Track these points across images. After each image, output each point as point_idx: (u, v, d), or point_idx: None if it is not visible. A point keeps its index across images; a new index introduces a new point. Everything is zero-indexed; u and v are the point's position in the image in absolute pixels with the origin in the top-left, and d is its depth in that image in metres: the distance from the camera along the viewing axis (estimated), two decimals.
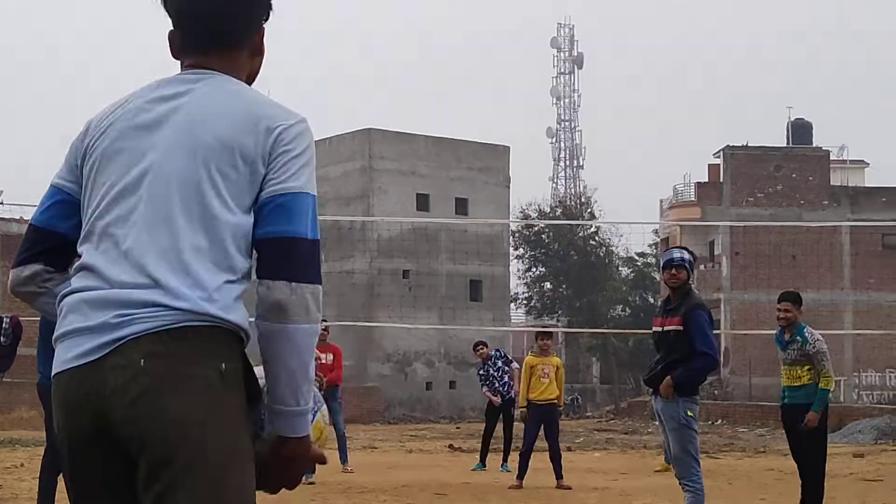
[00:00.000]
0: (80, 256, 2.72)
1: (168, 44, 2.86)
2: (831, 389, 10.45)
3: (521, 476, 14.60)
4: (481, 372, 18.04)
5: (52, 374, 2.64)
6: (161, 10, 2.85)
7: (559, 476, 14.76)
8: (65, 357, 2.61)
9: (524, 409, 14.90)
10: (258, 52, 2.90)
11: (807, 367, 10.42)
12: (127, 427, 2.53)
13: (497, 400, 17.69)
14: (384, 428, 36.59)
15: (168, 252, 2.62)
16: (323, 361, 16.91)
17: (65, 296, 2.68)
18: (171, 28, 2.85)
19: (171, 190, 2.66)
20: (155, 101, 2.75)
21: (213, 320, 2.60)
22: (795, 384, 10.50)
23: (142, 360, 2.54)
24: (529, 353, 15.48)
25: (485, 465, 17.91)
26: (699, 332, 8.99)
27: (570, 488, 14.50)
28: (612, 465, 18.58)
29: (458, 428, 36.53)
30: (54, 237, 2.81)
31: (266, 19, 2.89)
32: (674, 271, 9.16)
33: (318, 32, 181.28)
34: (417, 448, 24.47)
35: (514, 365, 18.00)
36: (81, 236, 2.73)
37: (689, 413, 9.03)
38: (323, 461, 2.82)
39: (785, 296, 10.87)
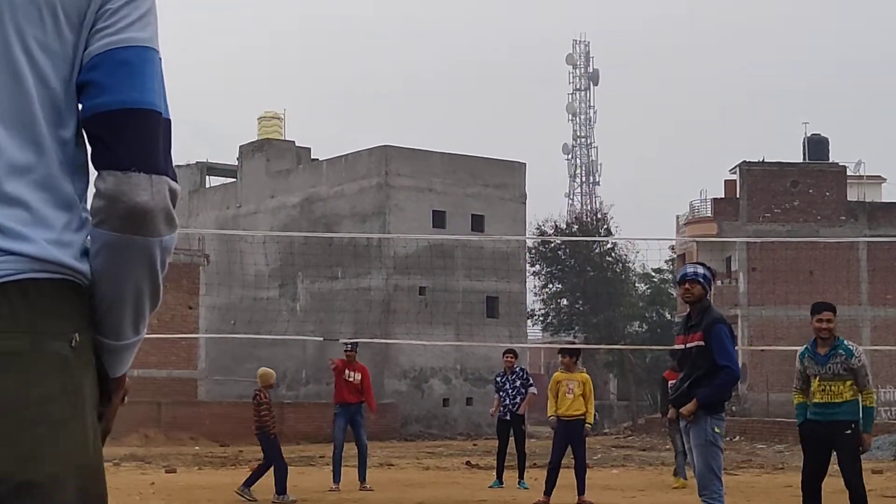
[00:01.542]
0: None
1: None
2: (874, 406, 10.00)
3: (548, 492, 14.53)
4: (499, 379, 17.91)
5: None
6: None
7: (581, 491, 14.67)
8: None
9: (553, 418, 14.84)
10: None
11: (849, 383, 9.87)
12: None
13: (494, 411, 17.74)
14: (400, 445, 36.54)
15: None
16: (350, 380, 16.91)
17: None
18: None
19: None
20: None
21: (63, 272, 1.83)
22: (836, 401, 9.91)
23: None
24: (560, 368, 15.40)
25: (502, 482, 17.87)
26: (719, 345, 8.99)
27: None
28: (630, 482, 18.51)
29: (474, 444, 36.45)
30: None
31: None
32: (687, 286, 9.17)
33: (333, 50, 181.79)
34: (434, 465, 24.43)
35: (533, 389, 17.86)
36: None
37: (717, 430, 9.02)
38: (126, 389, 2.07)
39: (825, 306, 10.22)
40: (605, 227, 62.02)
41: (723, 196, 55.95)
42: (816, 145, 58.59)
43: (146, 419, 35.90)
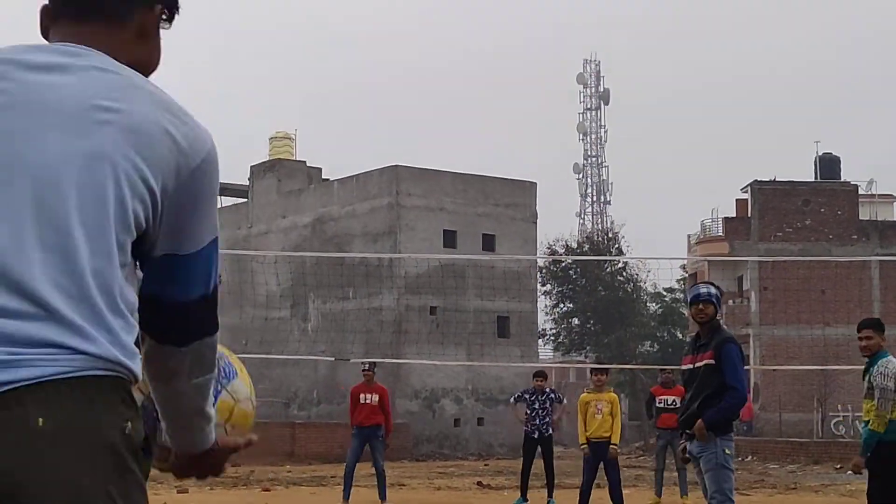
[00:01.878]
0: None
1: (39, 18, 2.32)
2: (880, 431, 9.60)
3: None
4: (528, 396, 17.69)
5: None
6: None
7: None
8: None
9: (585, 447, 14.73)
10: (146, 35, 2.32)
11: (873, 402, 9.75)
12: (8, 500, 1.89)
13: (522, 419, 17.63)
14: (412, 465, 36.48)
15: (63, 272, 1.99)
16: (366, 402, 16.88)
17: None
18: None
19: (63, 190, 2.02)
20: (23, 66, 2.11)
21: (117, 370, 2.03)
22: (865, 418, 9.87)
23: (40, 420, 1.92)
24: (585, 390, 15.34)
25: (526, 500, 17.85)
26: (729, 365, 8.97)
27: None
28: (642, 502, 18.46)
29: (486, 465, 36.38)
30: None
31: (163, 10, 2.36)
32: (701, 306, 9.16)
33: (344, 70, 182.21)
34: (446, 485, 24.39)
35: (564, 402, 17.91)
36: None
37: (727, 451, 8.99)
38: (241, 446, 2.50)
39: (864, 323, 10.18)
40: (617, 246, 61.95)
41: (734, 215, 55.90)
42: (828, 164, 58.53)
43: None
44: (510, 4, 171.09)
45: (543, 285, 59.83)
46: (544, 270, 59.86)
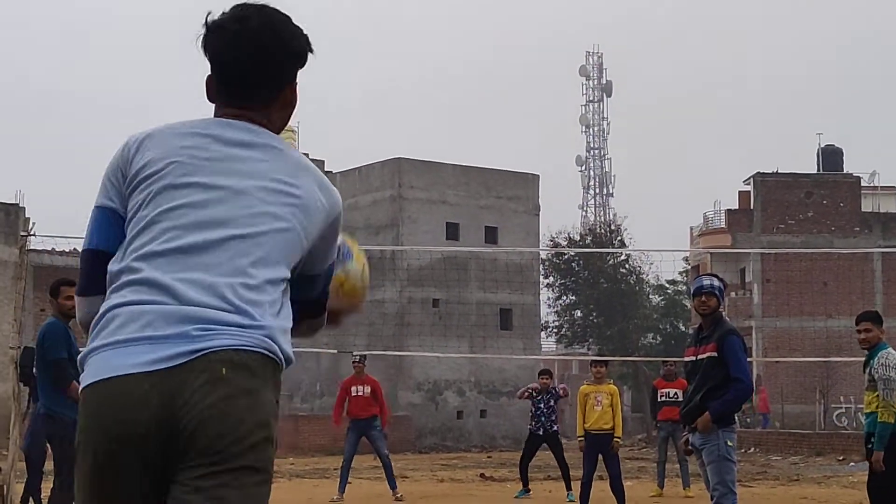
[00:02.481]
0: (124, 271, 2.87)
1: (206, 87, 3.08)
2: (891, 422, 9.56)
3: None
4: (535, 394, 17.65)
5: (97, 378, 2.75)
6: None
7: None
8: (126, 362, 2.75)
9: (582, 439, 14.70)
10: (290, 104, 3.12)
11: (875, 394, 9.76)
12: (199, 427, 2.72)
13: (525, 394, 17.62)
14: (415, 457, 36.54)
15: (248, 287, 2.87)
16: (358, 395, 16.91)
17: (117, 306, 2.83)
18: (210, 73, 3.08)
19: (257, 238, 2.92)
20: (223, 141, 2.98)
21: (278, 357, 2.89)
22: (867, 410, 9.92)
23: (223, 370, 2.76)
24: (585, 382, 15.31)
25: (528, 491, 17.85)
26: (733, 357, 8.96)
27: None
28: (645, 494, 18.49)
29: (489, 457, 36.43)
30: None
31: (301, 66, 3.11)
32: (704, 298, 9.15)
33: (345, 61, 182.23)
34: (449, 477, 24.43)
35: (562, 393, 17.92)
36: (139, 253, 2.87)
37: (730, 443, 8.99)
38: (345, 310, 3.48)
39: (863, 315, 10.15)
40: (619, 238, 61.92)
41: (737, 207, 55.87)
42: (830, 156, 58.51)
43: None
44: None
45: (546, 277, 59.81)
46: (547, 263, 59.83)
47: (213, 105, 3.09)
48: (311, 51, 3.11)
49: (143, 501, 2.77)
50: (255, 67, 3.01)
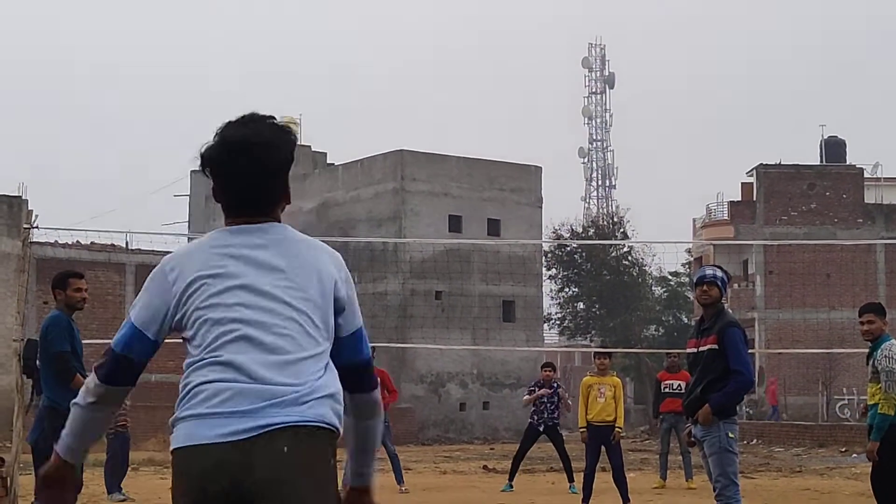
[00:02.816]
0: (203, 359, 3.41)
1: (212, 194, 3.66)
2: (890, 414, 9.56)
3: (586, 499, 14.38)
4: (536, 389, 17.66)
5: (188, 443, 3.35)
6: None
7: (625, 499, 14.47)
8: (208, 433, 3.31)
9: (584, 430, 14.67)
10: (287, 201, 3.74)
11: (878, 385, 9.76)
12: (263, 499, 3.26)
13: (528, 399, 17.57)
14: (418, 449, 36.57)
15: (305, 364, 3.41)
16: None
17: (203, 383, 3.37)
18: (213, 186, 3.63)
19: (295, 314, 3.46)
20: (247, 245, 3.54)
21: (330, 427, 3.39)
22: (871, 402, 9.88)
23: (284, 448, 3.27)
24: (588, 373, 15.26)
25: (511, 486, 17.84)
26: (733, 349, 8.96)
27: None
28: (647, 486, 18.50)
29: (492, 449, 36.46)
30: (136, 367, 3.56)
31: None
32: (705, 287, 9.16)
33: (347, 53, 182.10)
34: (451, 469, 24.45)
35: (564, 396, 17.81)
36: (213, 344, 3.41)
37: (731, 435, 8.99)
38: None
39: (865, 307, 10.12)
40: (622, 230, 61.91)
41: (739, 199, 55.85)
42: (833, 147, 58.45)
43: (164, 424, 35.39)
44: None
45: (549, 269, 59.80)
46: (549, 255, 59.80)
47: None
48: (293, 146, 3.75)
49: None
50: (257, 187, 3.62)
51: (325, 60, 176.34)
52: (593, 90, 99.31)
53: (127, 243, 39.82)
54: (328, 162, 55.27)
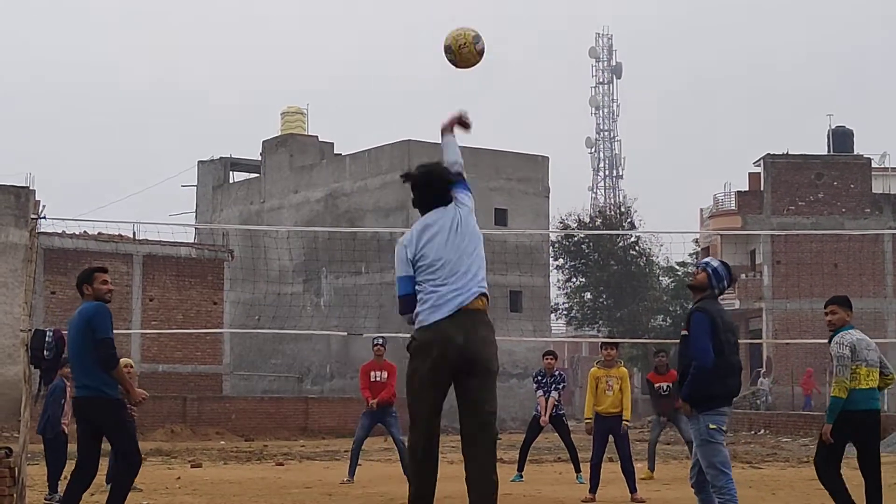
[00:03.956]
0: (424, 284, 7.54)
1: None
2: (841, 397, 9.86)
3: (593, 489, 14.37)
4: (540, 378, 17.63)
5: (429, 322, 7.37)
6: None
7: (633, 490, 14.49)
8: (438, 316, 7.33)
9: (590, 421, 14.66)
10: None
11: None
12: (471, 351, 7.43)
13: (544, 413, 17.50)
14: None
15: (471, 274, 7.48)
16: (376, 380, 16.80)
17: (429, 294, 7.40)
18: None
19: (463, 256, 7.55)
20: (437, 225, 7.98)
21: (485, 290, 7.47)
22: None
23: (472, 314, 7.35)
24: (595, 364, 15.24)
25: (522, 476, 17.84)
26: (692, 335, 8.97)
27: (644, 502, 14.25)
28: (655, 475, 18.48)
29: (498, 438, 36.44)
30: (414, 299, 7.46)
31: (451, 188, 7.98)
32: (695, 270, 9.35)
33: (355, 43, 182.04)
34: (458, 459, 24.42)
35: (555, 395, 17.70)
36: (432, 278, 7.52)
37: (712, 426, 8.96)
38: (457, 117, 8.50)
39: (830, 300, 10.39)
40: (629, 220, 61.92)
41: (747, 189, 55.83)
42: (841, 137, 58.39)
43: (172, 414, 36.07)
44: None
45: (556, 260, 59.85)
46: (556, 245, 59.84)
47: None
48: (450, 181, 8.41)
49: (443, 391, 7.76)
50: (432, 189, 8.30)
51: (334, 50, 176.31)
52: (600, 80, 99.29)
53: (134, 233, 39.89)
54: (336, 152, 55.26)
